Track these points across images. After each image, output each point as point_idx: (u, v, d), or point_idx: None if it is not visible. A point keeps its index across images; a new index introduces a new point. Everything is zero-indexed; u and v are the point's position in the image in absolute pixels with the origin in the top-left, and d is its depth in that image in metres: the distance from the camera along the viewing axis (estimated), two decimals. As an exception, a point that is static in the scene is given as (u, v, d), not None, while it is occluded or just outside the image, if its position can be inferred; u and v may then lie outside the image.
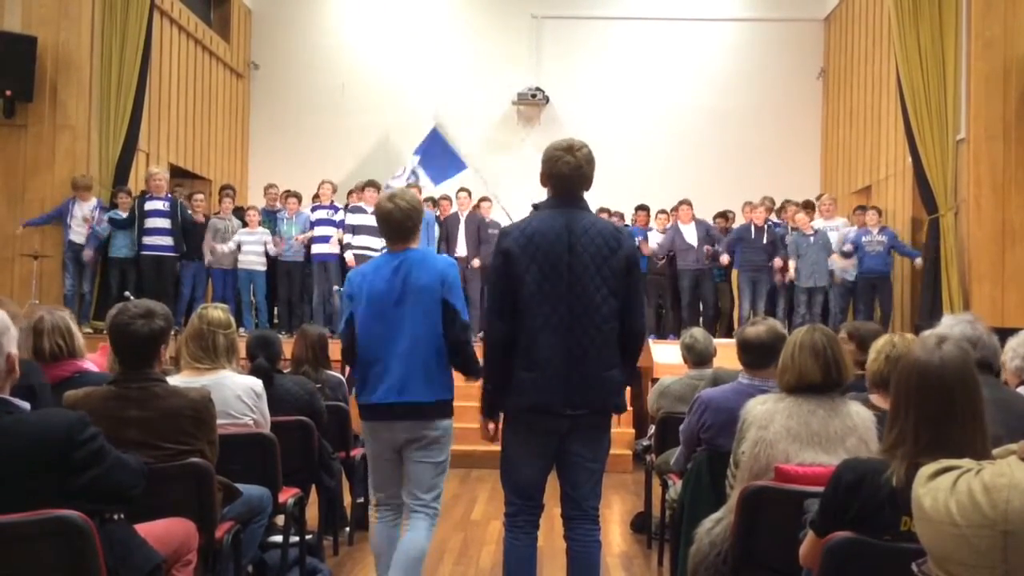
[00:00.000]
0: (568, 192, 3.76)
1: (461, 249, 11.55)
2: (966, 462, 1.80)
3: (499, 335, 3.71)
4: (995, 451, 1.79)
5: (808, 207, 11.99)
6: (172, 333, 5.03)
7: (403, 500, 4.06)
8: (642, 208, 12.44)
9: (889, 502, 2.32)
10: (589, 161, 3.77)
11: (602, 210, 11.28)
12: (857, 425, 3.22)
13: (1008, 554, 1.65)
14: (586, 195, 3.83)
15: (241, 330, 8.82)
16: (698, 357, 5.81)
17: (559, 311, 3.62)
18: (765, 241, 11.26)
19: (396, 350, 3.91)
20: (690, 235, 11.51)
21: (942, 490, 1.76)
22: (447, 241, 11.66)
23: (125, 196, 10.88)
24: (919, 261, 11.01)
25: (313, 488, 5.32)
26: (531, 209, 3.87)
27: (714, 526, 3.42)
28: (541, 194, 3.89)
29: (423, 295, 3.92)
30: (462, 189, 12.09)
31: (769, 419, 3.28)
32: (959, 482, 1.75)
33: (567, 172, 3.73)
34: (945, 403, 2.33)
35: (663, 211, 12.04)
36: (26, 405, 2.68)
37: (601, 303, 3.64)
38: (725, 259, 11.43)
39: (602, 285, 3.64)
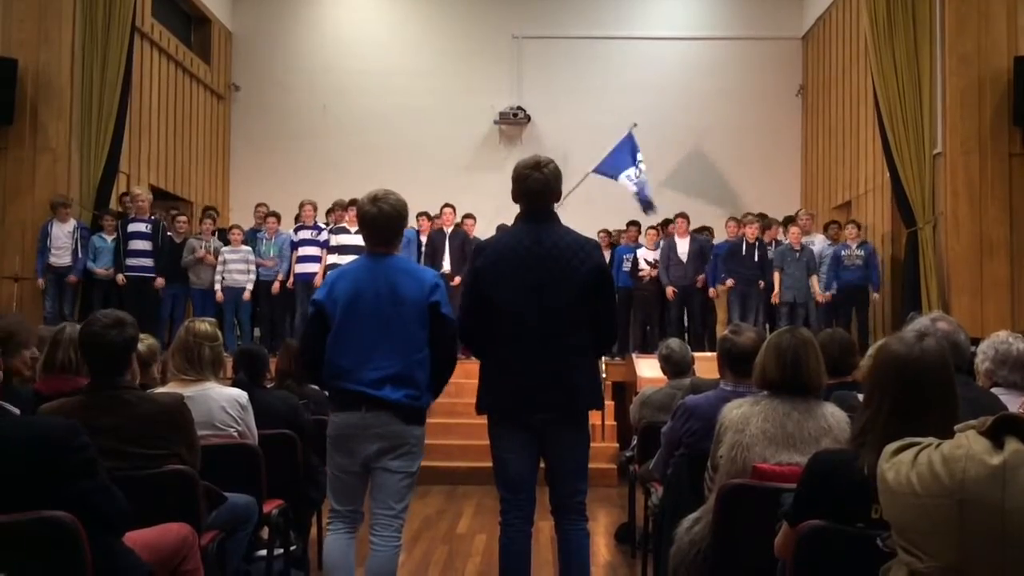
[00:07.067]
0: (538, 207, 3.99)
1: (446, 265, 11.54)
2: (928, 439, 1.87)
3: (467, 332, 4.06)
4: (956, 427, 1.86)
5: (789, 223, 12.01)
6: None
7: (361, 513, 3.95)
8: (633, 224, 12.47)
9: (860, 491, 2.37)
10: (556, 176, 4.01)
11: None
12: (832, 426, 3.28)
13: (963, 522, 1.73)
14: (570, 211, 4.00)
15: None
16: (676, 367, 5.86)
17: (529, 320, 3.83)
18: (756, 257, 11.29)
19: (373, 357, 3.78)
20: (683, 249, 11.54)
21: (904, 463, 1.84)
22: (432, 257, 11.62)
23: (110, 219, 10.86)
24: (876, 296, 11.14)
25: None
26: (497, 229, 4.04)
27: (693, 525, 3.46)
28: None
29: (408, 305, 3.81)
30: (447, 205, 11.97)
31: (745, 422, 3.35)
32: (920, 455, 1.83)
33: (537, 188, 3.96)
34: (920, 396, 2.39)
35: (652, 227, 12.13)
36: (15, 410, 2.70)
37: (569, 313, 3.86)
38: (730, 282, 11.26)
39: (570, 295, 3.85)
